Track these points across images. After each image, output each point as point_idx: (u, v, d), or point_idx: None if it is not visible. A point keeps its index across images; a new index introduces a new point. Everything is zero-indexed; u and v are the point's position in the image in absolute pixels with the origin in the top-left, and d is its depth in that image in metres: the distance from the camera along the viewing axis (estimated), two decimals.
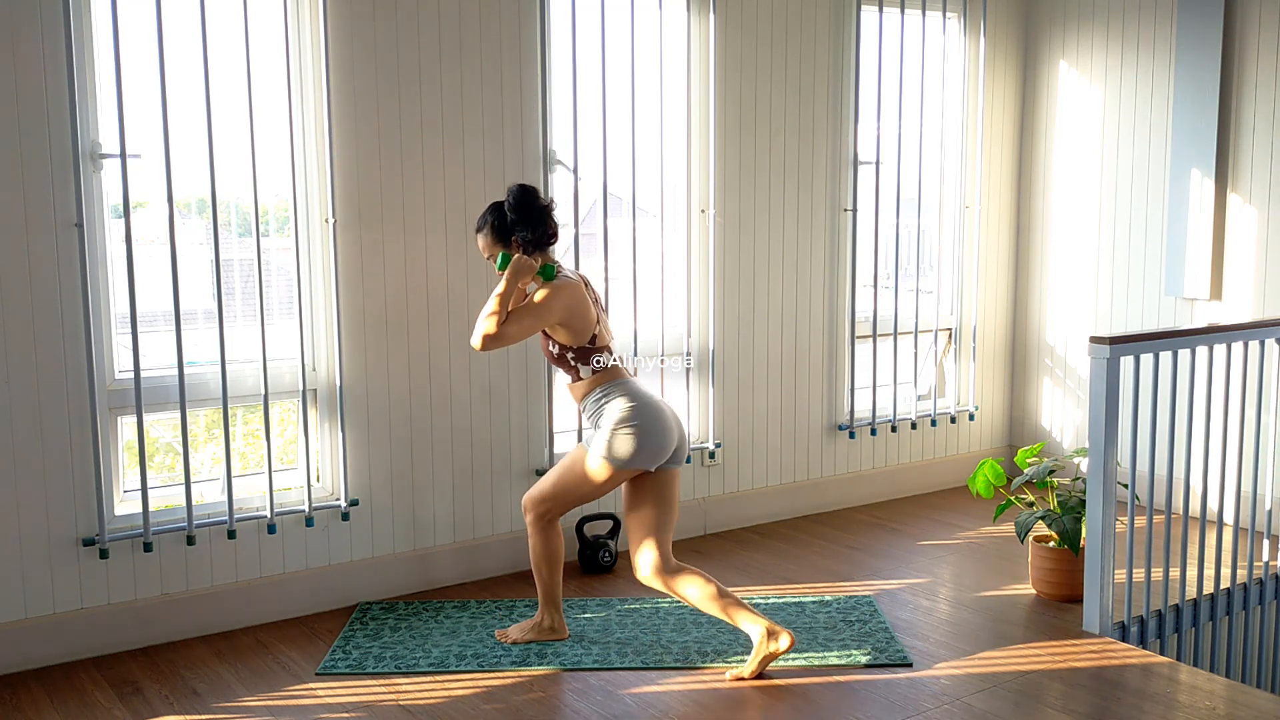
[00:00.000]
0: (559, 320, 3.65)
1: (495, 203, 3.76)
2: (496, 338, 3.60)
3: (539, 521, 3.79)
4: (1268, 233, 5.07)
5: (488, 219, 3.74)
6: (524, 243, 3.70)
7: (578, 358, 3.70)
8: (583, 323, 3.67)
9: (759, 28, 5.07)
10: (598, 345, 3.71)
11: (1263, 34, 5.04)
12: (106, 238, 3.84)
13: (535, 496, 3.79)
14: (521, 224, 3.68)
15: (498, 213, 3.72)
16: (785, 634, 3.58)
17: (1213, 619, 4.29)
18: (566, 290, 3.65)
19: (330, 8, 4.05)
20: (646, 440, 3.61)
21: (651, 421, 3.63)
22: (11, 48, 3.55)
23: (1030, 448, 4.45)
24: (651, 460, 3.64)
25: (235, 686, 3.60)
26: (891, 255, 5.62)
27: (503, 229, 3.71)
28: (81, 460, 3.78)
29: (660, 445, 3.64)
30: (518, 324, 3.61)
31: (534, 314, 3.62)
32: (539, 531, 3.80)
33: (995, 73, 5.87)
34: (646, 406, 3.65)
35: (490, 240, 3.75)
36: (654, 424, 3.63)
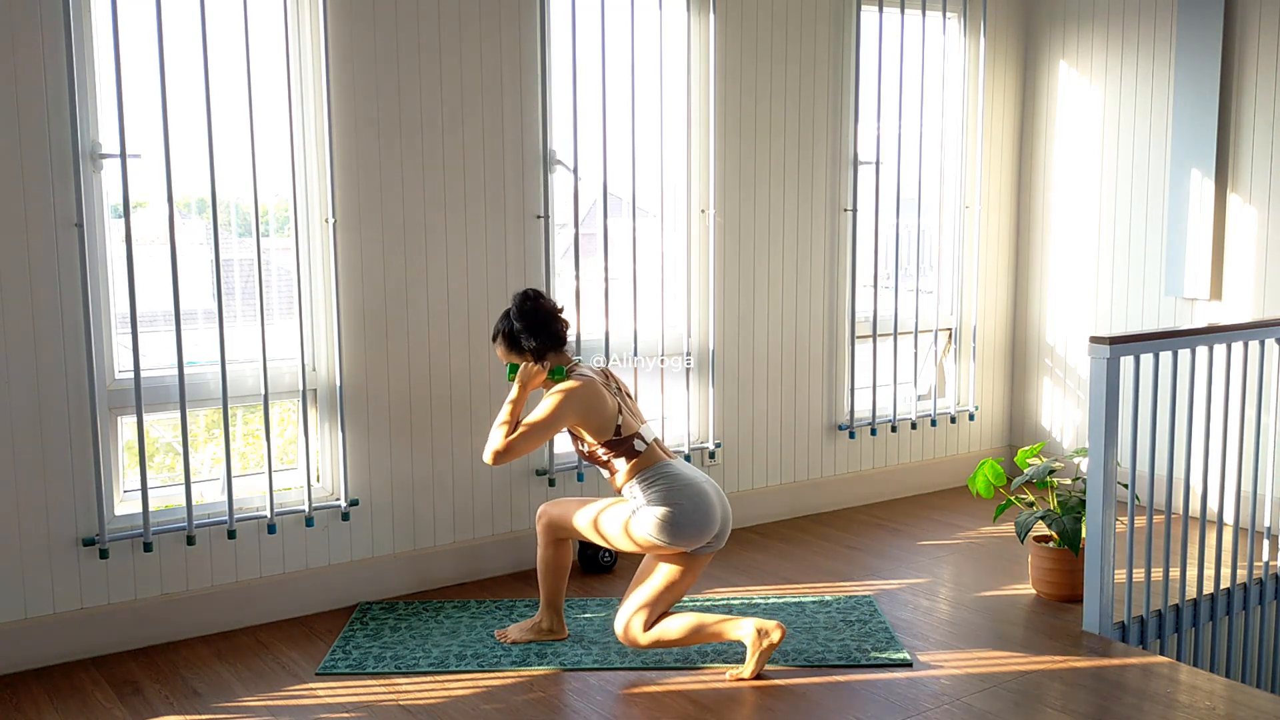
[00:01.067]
0: (575, 423, 3.62)
1: (506, 310, 3.75)
2: (506, 452, 3.57)
3: (552, 538, 3.79)
4: (1268, 233, 5.07)
5: (500, 328, 3.74)
6: (532, 350, 3.69)
7: (609, 451, 3.65)
8: (601, 419, 3.62)
9: (759, 28, 5.07)
10: (624, 435, 3.64)
11: (1263, 34, 5.04)
12: (106, 238, 3.84)
13: (557, 521, 3.76)
14: (526, 332, 3.68)
15: (506, 321, 3.72)
16: (775, 627, 3.57)
17: (1213, 619, 4.29)
18: (576, 390, 3.60)
19: (330, 8, 4.05)
20: (690, 525, 3.54)
21: (695, 506, 3.55)
22: (11, 48, 3.55)
23: (1030, 448, 4.45)
24: (691, 543, 3.58)
25: (235, 686, 3.60)
26: (891, 255, 5.62)
27: (512, 336, 3.71)
28: (81, 460, 3.78)
29: (702, 530, 3.57)
30: (527, 439, 3.58)
31: (543, 424, 3.58)
32: (550, 545, 3.80)
33: (995, 73, 5.87)
34: (690, 489, 3.58)
35: (504, 349, 3.75)
36: (696, 509, 3.55)
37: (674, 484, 3.58)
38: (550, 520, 3.78)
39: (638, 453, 3.64)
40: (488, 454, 3.59)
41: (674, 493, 3.56)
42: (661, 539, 3.54)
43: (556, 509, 3.79)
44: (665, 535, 3.54)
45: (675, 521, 3.53)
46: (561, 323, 3.73)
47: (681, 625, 3.61)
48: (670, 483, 3.58)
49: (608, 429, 3.63)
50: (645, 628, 3.60)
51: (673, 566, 3.62)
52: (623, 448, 3.63)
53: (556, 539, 3.79)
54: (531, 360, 3.70)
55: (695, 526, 3.55)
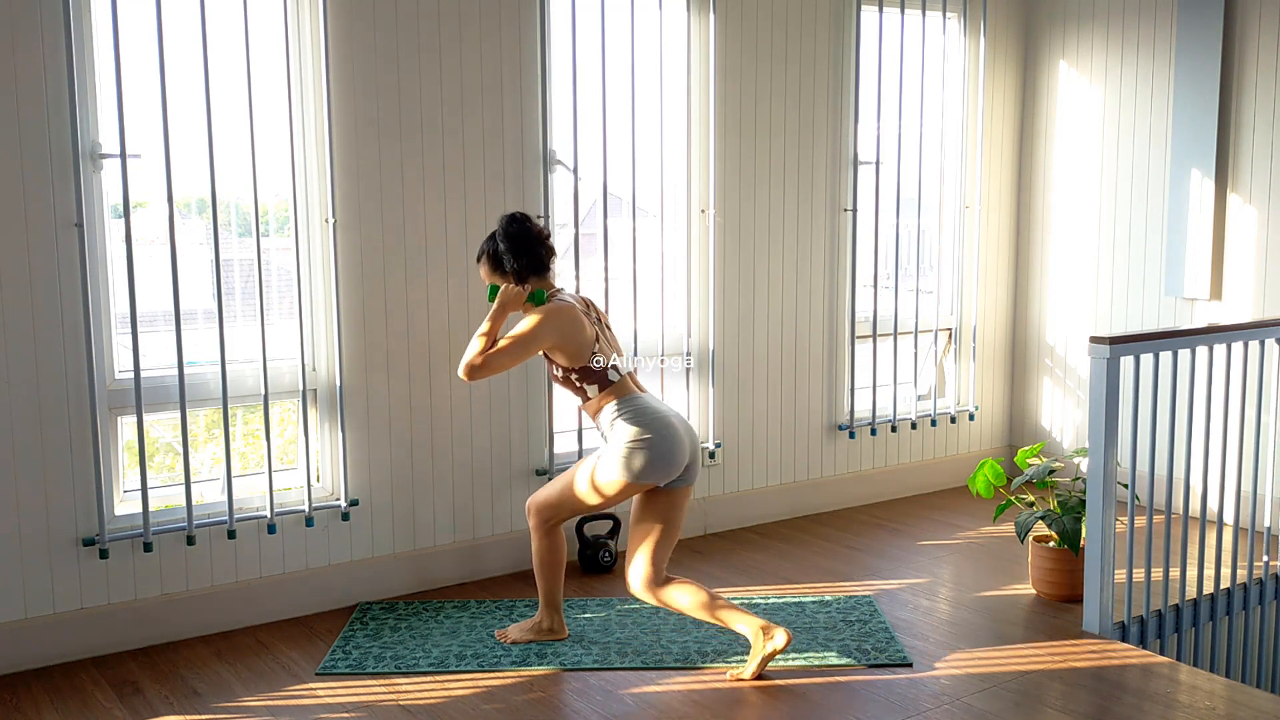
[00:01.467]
0: (551, 345, 3.64)
1: (492, 232, 3.77)
2: (481, 368, 3.60)
3: (542, 526, 3.80)
4: (1268, 233, 5.07)
5: (484, 249, 3.76)
6: (515, 272, 3.70)
7: (582, 378, 3.68)
8: (578, 344, 3.64)
9: (759, 28, 5.07)
10: (601, 363, 3.67)
11: (1263, 34, 5.04)
12: (106, 238, 3.84)
13: (540, 503, 3.79)
14: (510, 253, 3.69)
15: (492, 242, 3.74)
16: (781, 631, 3.58)
17: (1213, 619, 4.29)
18: (555, 315, 3.63)
19: (330, 8, 4.05)
20: (657, 457, 3.58)
21: (663, 438, 3.59)
22: (11, 48, 3.55)
23: (1030, 448, 4.45)
24: (662, 477, 3.61)
25: (235, 686, 3.60)
26: (891, 255, 5.62)
27: (496, 258, 3.73)
28: (81, 460, 3.78)
29: (670, 463, 3.60)
30: (504, 355, 3.61)
31: (519, 343, 3.62)
32: (543, 536, 3.80)
33: (995, 73, 5.87)
34: (658, 422, 3.61)
35: (488, 270, 3.77)
36: (664, 439, 3.59)
37: (642, 419, 3.61)
38: (535, 505, 3.80)
39: (611, 382, 3.67)
40: (462, 368, 3.62)
41: (642, 429, 3.59)
42: (630, 476, 3.58)
43: (539, 493, 3.82)
44: (632, 472, 3.57)
45: (644, 459, 3.57)
46: (546, 248, 3.74)
47: (692, 598, 3.62)
48: (638, 418, 3.61)
49: (583, 355, 3.65)
50: (654, 579, 3.62)
51: (656, 507, 3.65)
52: (596, 376, 3.67)
53: (549, 529, 3.80)
54: (513, 282, 3.71)
55: (663, 461, 3.59)
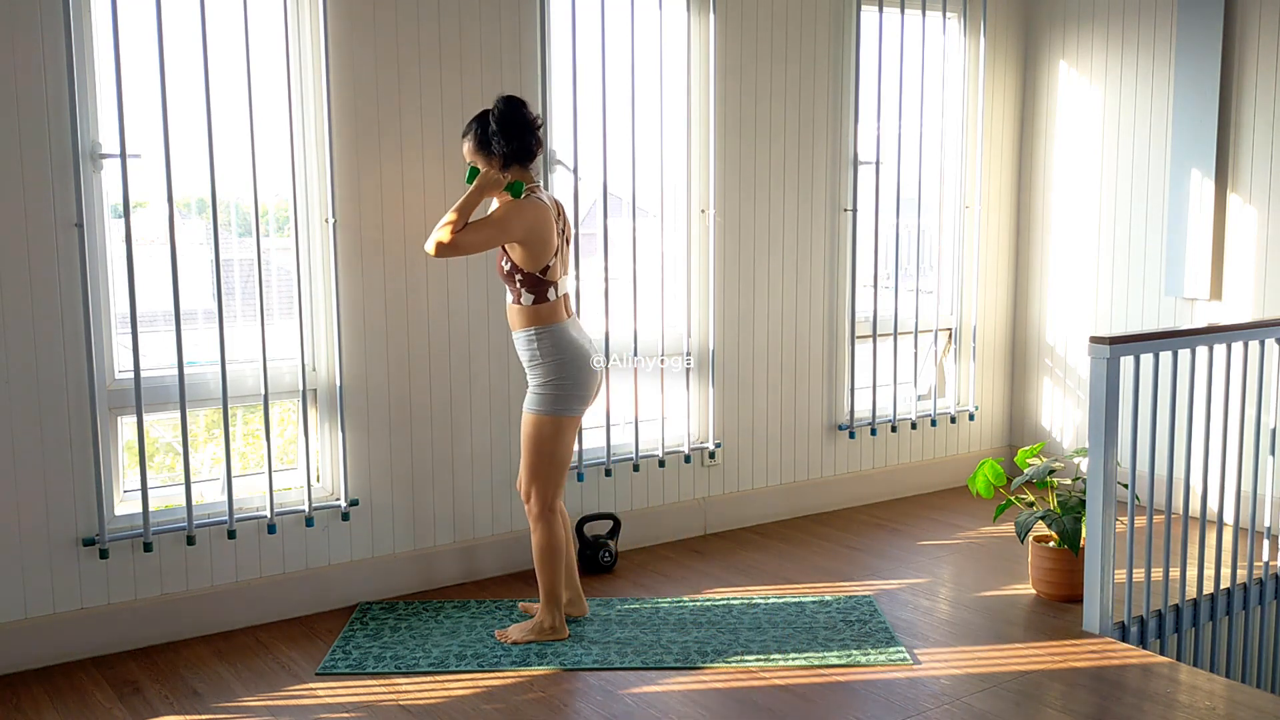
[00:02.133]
0: (518, 238, 3.65)
1: (483, 111, 3.74)
2: (451, 246, 3.60)
3: (543, 513, 3.82)
4: (1268, 233, 5.07)
5: (473, 127, 3.72)
6: (502, 155, 3.67)
7: (524, 283, 3.71)
8: (540, 248, 3.66)
9: (759, 28, 5.07)
10: (548, 277, 3.71)
11: (1263, 34, 5.04)
12: (106, 238, 3.84)
13: (523, 482, 3.87)
14: (501, 135, 3.66)
15: (482, 122, 3.70)
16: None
17: (1213, 619, 4.29)
18: (531, 209, 3.64)
19: (330, 8, 4.05)
20: (571, 392, 3.75)
21: (573, 372, 3.74)
22: (11, 48, 3.55)
23: (1030, 448, 4.45)
24: (579, 408, 3.79)
25: (235, 686, 3.60)
26: (891, 255, 5.62)
27: (484, 138, 3.69)
28: (81, 460, 3.78)
29: (584, 395, 3.80)
30: (475, 234, 3.61)
31: (493, 226, 3.62)
32: (543, 523, 3.83)
33: (995, 73, 5.87)
34: (569, 357, 3.74)
35: (473, 148, 3.73)
36: (575, 375, 3.75)
37: (557, 355, 3.72)
38: (523, 491, 3.87)
39: (546, 299, 3.72)
40: (430, 244, 3.63)
41: (556, 366, 3.73)
42: (554, 410, 3.75)
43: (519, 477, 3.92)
44: (555, 406, 3.75)
45: (561, 395, 3.74)
46: (536, 138, 3.73)
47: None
48: (554, 353, 3.72)
49: (539, 261, 3.68)
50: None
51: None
52: (539, 286, 3.71)
53: (547, 513, 3.84)
54: (498, 166, 3.69)
55: (579, 395, 3.78)
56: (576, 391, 3.77)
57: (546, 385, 3.75)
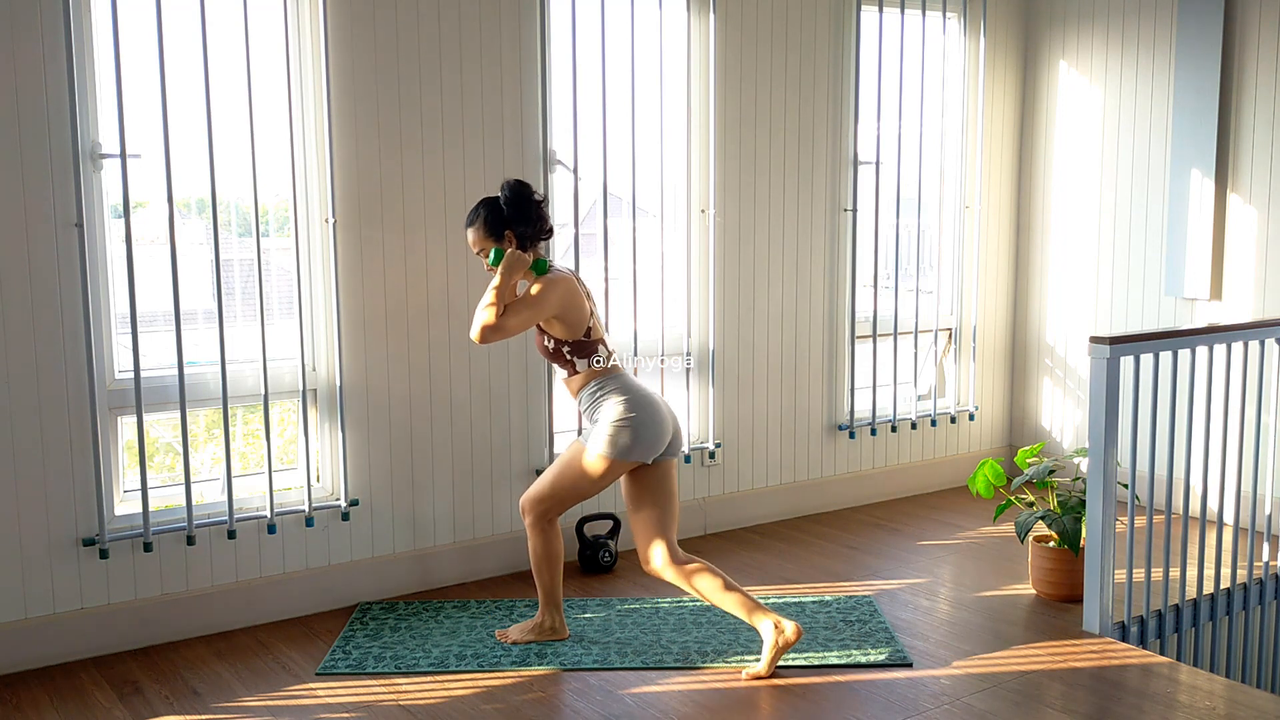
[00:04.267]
0: (555, 314, 3.66)
1: (486, 198, 3.76)
2: (496, 329, 3.61)
3: (539, 522, 3.79)
4: (1268, 233, 5.07)
5: (480, 213, 3.72)
6: (519, 238, 3.70)
7: (573, 351, 3.71)
8: (577, 316, 3.69)
9: (759, 28, 5.07)
10: (592, 339, 3.72)
11: (1263, 34, 5.04)
12: (106, 238, 3.84)
13: (534, 497, 3.79)
14: (518, 219, 3.69)
15: (491, 207, 3.71)
16: (791, 624, 3.62)
17: (1213, 619, 4.29)
18: (561, 283, 3.67)
19: (330, 8, 4.05)
20: (642, 433, 3.62)
21: (648, 414, 3.65)
22: (11, 48, 3.55)
23: (1030, 448, 4.45)
24: (648, 453, 3.65)
25: (235, 686, 3.60)
26: (891, 255, 5.62)
27: (495, 224, 3.70)
28: (81, 460, 3.78)
29: (656, 437, 3.66)
30: (516, 316, 3.62)
31: (532, 306, 3.64)
32: (539, 532, 3.80)
33: (995, 73, 5.87)
34: (641, 399, 3.67)
35: (481, 235, 3.72)
36: (649, 417, 3.65)
37: (626, 395, 3.66)
38: (529, 501, 3.80)
39: (598, 358, 3.72)
40: (476, 330, 3.62)
41: (626, 407, 3.63)
42: (617, 453, 3.61)
43: (532, 489, 3.83)
44: (620, 449, 3.61)
45: (630, 435, 3.61)
46: (547, 215, 3.77)
47: (710, 580, 3.65)
48: (622, 395, 3.66)
49: (580, 328, 3.70)
50: (672, 556, 3.66)
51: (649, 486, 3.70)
52: (586, 350, 3.71)
53: (544, 523, 3.80)
54: (513, 247, 3.70)
55: (649, 436, 3.65)
56: (647, 432, 3.63)
57: (616, 423, 3.62)
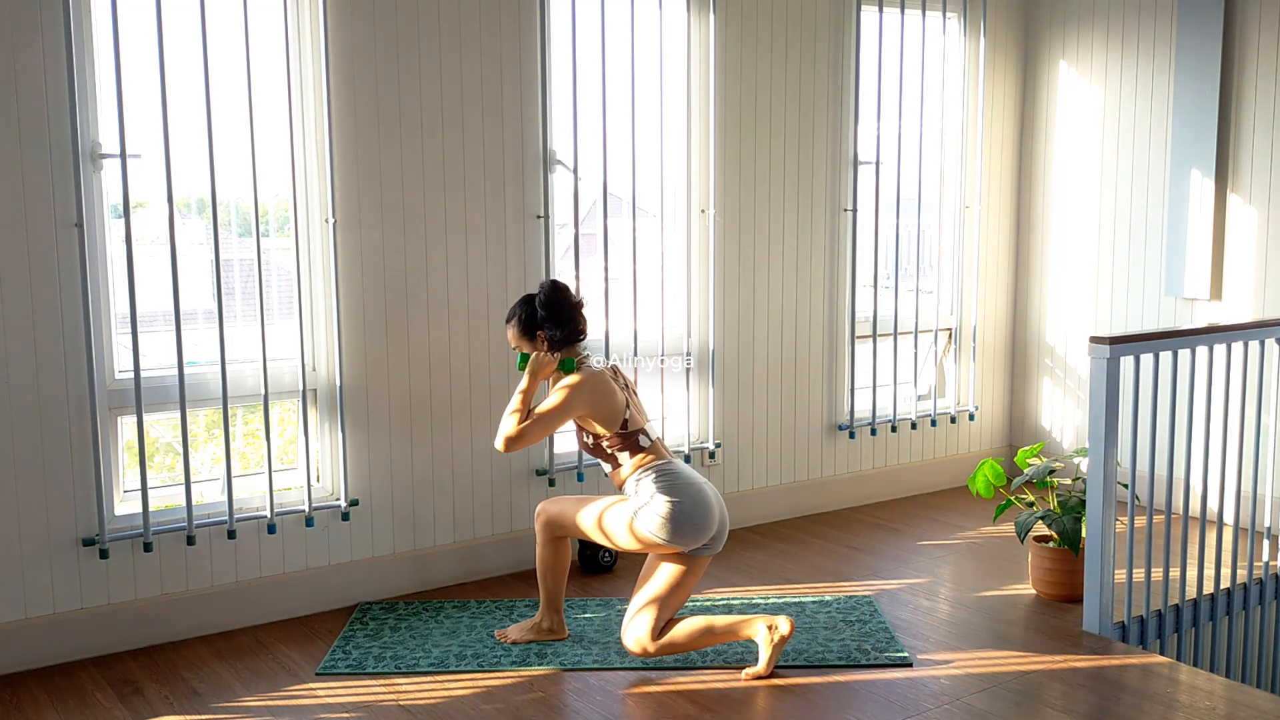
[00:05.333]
0: (584, 414, 3.65)
1: (526, 295, 3.78)
2: (518, 439, 3.62)
3: (551, 538, 3.80)
4: (1268, 233, 5.07)
5: (517, 312, 3.75)
6: (550, 340, 3.70)
7: (613, 445, 3.68)
8: (610, 411, 3.65)
9: (759, 28, 5.07)
10: (630, 430, 3.68)
11: (1263, 34, 5.04)
12: (106, 238, 3.84)
13: (556, 520, 3.77)
14: (549, 321, 3.69)
15: (528, 307, 3.73)
16: (784, 619, 3.61)
17: (1213, 619, 4.29)
18: (587, 383, 3.64)
19: (330, 8, 4.05)
20: (689, 523, 3.56)
21: (695, 504, 3.58)
22: (11, 48, 3.55)
23: (1030, 448, 4.45)
24: (689, 543, 3.60)
25: (235, 686, 3.60)
26: (891, 255, 5.62)
27: (530, 324, 3.72)
28: (81, 460, 3.78)
29: (702, 529, 3.59)
30: (538, 425, 3.62)
31: (555, 413, 3.63)
32: (549, 543, 3.80)
33: (995, 73, 5.87)
34: (691, 488, 3.60)
35: (516, 333, 3.76)
36: (698, 507, 3.58)
37: (676, 481, 3.60)
38: (549, 518, 3.78)
39: (642, 448, 3.68)
40: (500, 441, 3.64)
41: (676, 489, 3.58)
42: (663, 536, 3.55)
43: (555, 507, 3.79)
44: (666, 532, 3.55)
45: (677, 518, 3.55)
46: (582, 318, 3.77)
47: (690, 630, 3.63)
48: (673, 479, 3.61)
49: (615, 421, 3.66)
50: (654, 634, 3.61)
51: (675, 568, 3.63)
52: (628, 442, 3.67)
53: (555, 537, 3.80)
54: (545, 350, 3.72)
55: (695, 525, 3.57)
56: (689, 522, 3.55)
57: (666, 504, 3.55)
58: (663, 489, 3.58)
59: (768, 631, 3.59)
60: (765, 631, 3.60)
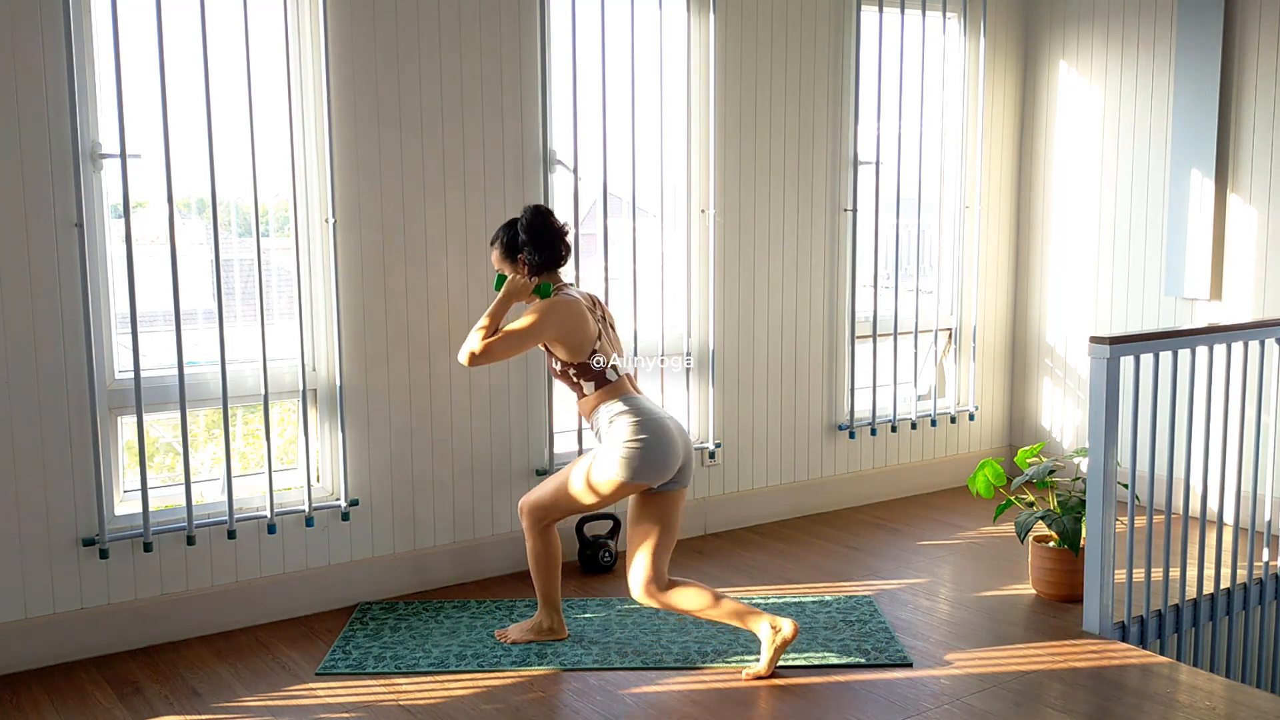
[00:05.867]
0: (553, 338, 3.66)
1: (510, 220, 3.80)
2: (482, 355, 3.62)
3: (536, 527, 3.80)
4: (1268, 233, 5.07)
5: (500, 235, 3.78)
6: (530, 264, 3.71)
7: (579, 374, 3.70)
8: (580, 339, 3.66)
9: (759, 28, 5.07)
10: (598, 361, 3.69)
11: (1263, 34, 5.04)
12: (106, 238, 3.84)
13: (533, 503, 3.79)
14: (530, 245, 3.71)
15: (510, 230, 3.76)
16: (788, 621, 3.61)
17: (1213, 619, 4.29)
18: (560, 308, 3.66)
19: (330, 7, 4.05)
20: (651, 458, 3.58)
21: (657, 439, 3.60)
22: (11, 48, 3.55)
23: (1030, 448, 4.45)
24: (656, 478, 3.62)
25: (235, 686, 3.60)
26: (891, 255, 5.62)
27: (511, 247, 3.75)
28: (81, 460, 3.78)
29: (665, 464, 3.61)
30: (503, 343, 3.63)
31: (520, 334, 3.64)
32: (537, 535, 3.81)
33: (995, 73, 5.87)
34: (653, 423, 3.62)
35: (498, 256, 3.79)
36: (660, 442, 3.60)
37: (638, 417, 3.62)
38: (529, 506, 3.80)
39: (608, 381, 3.69)
40: (464, 354, 3.65)
41: (637, 430, 3.59)
42: (626, 476, 3.57)
43: (533, 495, 3.82)
44: (629, 472, 3.57)
45: (639, 460, 3.57)
46: (564, 245, 3.78)
47: (698, 596, 3.64)
48: (634, 416, 3.62)
49: (583, 351, 3.68)
50: (655, 578, 3.62)
51: (654, 509, 3.66)
52: (594, 373, 3.69)
53: (542, 527, 3.81)
54: (524, 273, 3.73)
55: (658, 463, 3.59)
56: (656, 457, 3.58)
57: (626, 444, 3.58)
58: (623, 431, 3.59)
59: (771, 632, 3.60)
60: (769, 631, 3.60)
